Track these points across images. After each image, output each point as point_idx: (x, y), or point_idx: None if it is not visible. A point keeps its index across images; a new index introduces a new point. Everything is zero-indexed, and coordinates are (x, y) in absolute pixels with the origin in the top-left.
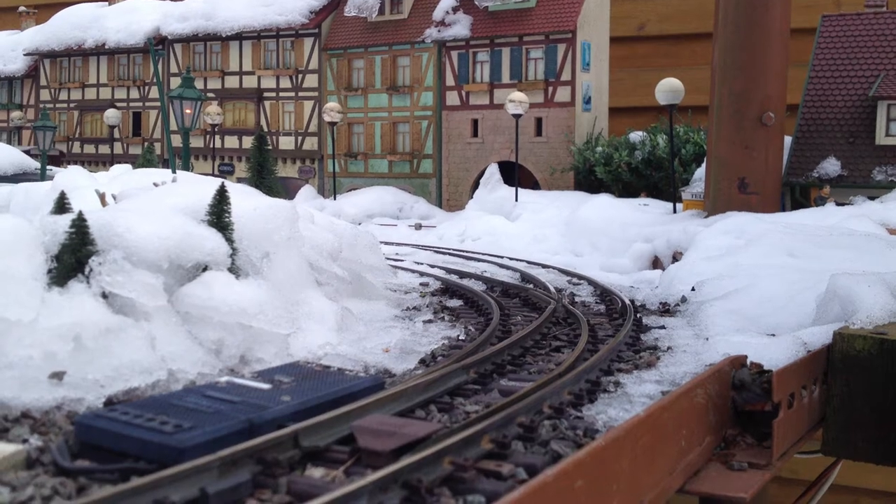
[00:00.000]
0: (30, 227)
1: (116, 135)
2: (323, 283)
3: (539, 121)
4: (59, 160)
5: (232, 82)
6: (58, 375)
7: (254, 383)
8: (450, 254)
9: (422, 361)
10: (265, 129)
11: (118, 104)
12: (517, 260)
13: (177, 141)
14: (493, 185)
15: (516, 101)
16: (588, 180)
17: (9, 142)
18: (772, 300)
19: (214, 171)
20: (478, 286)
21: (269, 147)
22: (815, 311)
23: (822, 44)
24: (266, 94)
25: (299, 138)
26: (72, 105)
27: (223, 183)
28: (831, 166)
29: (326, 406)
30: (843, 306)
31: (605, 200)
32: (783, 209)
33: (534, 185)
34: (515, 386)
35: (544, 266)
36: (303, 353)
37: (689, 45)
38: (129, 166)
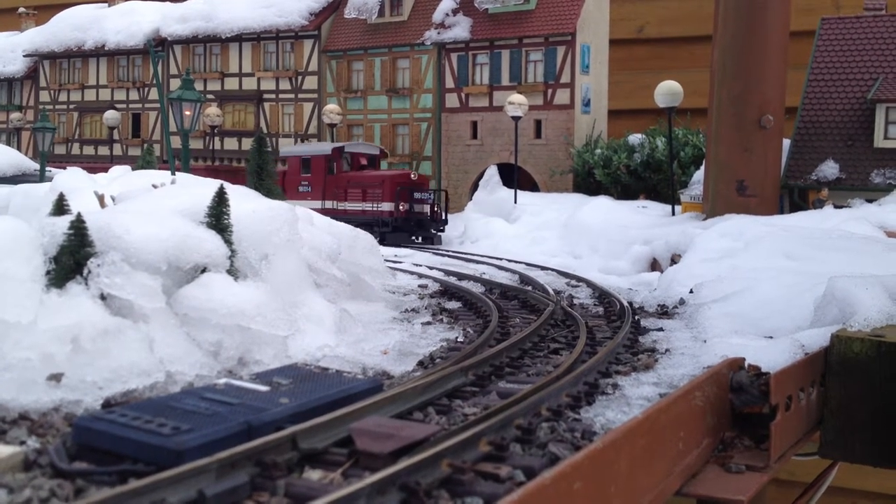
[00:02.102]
0: (28, 229)
1: (116, 136)
2: (321, 284)
3: (538, 123)
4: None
5: (231, 84)
6: (56, 377)
7: (252, 385)
8: (448, 255)
9: (420, 363)
10: (265, 130)
11: (118, 106)
12: (516, 262)
13: (176, 142)
14: (492, 188)
15: (516, 103)
16: (587, 182)
17: (8, 143)
18: (770, 303)
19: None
20: (476, 288)
21: (269, 149)
22: (812, 314)
23: (821, 47)
24: (266, 96)
25: (299, 140)
26: (71, 106)
27: (222, 185)
28: (830, 169)
29: (324, 408)
30: (841, 309)
31: (603, 203)
32: (781, 212)
33: (533, 187)
34: (513, 388)
35: (543, 268)
36: (301, 355)
37: (688, 48)
38: (128, 168)
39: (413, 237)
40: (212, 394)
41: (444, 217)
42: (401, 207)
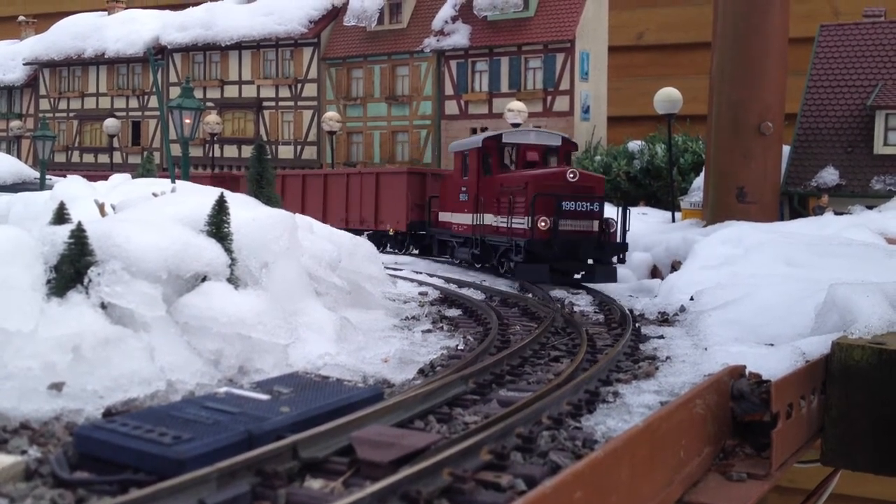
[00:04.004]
0: (29, 238)
1: (116, 144)
2: (322, 292)
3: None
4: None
5: (231, 92)
6: (57, 386)
7: (253, 394)
8: (447, 262)
9: (421, 371)
10: (264, 138)
11: (117, 114)
12: None
13: (176, 150)
14: None
15: (515, 110)
16: None
17: (8, 151)
18: (770, 310)
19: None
20: (477, 295)
21: (269, 156)
22: (813, 321)
23: (820, 53)
24: (265, 104)
25: (298, 147)
26: (71, 114)
27: (222, 193)
28: (829, 175)
29: (325, 417)
30: (842, 316)
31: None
32: (781, 218)
33: None
34: (514, 396)
35: None
36: (302, 364)
37: (687, 55)
38: (128, 176)
39: (561, 271)
40: (212, 403)
41: (621, 240)
42: (540, 224)
